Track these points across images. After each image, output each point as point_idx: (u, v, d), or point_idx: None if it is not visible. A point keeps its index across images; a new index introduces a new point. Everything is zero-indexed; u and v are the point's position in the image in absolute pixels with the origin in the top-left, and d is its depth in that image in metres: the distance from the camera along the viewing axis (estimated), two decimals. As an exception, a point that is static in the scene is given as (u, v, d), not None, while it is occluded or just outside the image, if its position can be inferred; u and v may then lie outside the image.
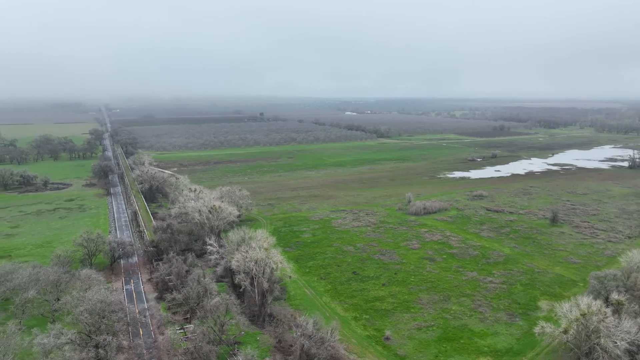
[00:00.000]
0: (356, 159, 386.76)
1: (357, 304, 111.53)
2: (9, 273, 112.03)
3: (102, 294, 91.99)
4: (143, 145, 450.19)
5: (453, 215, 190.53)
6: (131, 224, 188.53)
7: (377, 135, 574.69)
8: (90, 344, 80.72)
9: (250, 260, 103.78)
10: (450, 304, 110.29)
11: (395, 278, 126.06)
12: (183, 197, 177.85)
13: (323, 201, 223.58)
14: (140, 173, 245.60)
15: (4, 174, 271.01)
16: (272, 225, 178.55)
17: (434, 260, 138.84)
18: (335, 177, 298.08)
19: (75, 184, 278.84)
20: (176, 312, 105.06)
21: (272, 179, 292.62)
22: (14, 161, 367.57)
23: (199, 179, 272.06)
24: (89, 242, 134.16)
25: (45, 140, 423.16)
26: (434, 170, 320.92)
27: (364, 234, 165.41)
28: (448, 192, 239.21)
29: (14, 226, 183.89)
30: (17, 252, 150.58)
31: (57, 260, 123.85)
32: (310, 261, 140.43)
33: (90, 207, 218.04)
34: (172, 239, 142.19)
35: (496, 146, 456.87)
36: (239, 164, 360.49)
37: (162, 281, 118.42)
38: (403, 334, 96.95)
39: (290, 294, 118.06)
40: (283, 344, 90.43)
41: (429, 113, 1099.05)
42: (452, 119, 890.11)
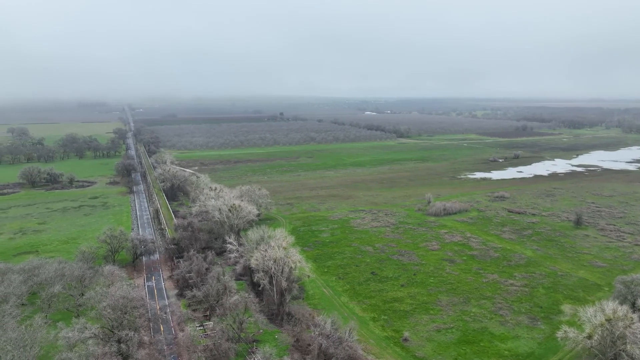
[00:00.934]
0: (375, 159, 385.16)
1: (376, 304, 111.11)
2: (36, 268, 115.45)
3: (125, 290, 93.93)
4: (165, 144, 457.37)
5: (474, 217, 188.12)
6: (153, 221, 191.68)
7: (397, 135, 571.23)
8: (113, 339, 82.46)
9: (269, 259, 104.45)
10: (470, 306, 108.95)
11: (414, 279, 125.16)
12: (204, 195, 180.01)
13: (342, 201, 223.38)
14: (162, 172, 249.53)
15: (32, 171, 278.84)
16: (291, 225, 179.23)
17: (454, 262, 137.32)
18: (354, 177, 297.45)
19: (100, 182, 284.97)
20: (196, 309, 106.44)
21: (292, 179, 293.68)
22: (41, 159, 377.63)
23: (220, 178, 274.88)
24: (112, 239, 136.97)
25: (71, 139, 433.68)
26: (454, 171, 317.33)
27: (382, 235, 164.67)
28: (469, 193, 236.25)
29: (41, 222, 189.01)
30: (43, 248, 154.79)
31: (82, 256, 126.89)
32: (329, 261, 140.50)
33: (114, 204, 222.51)
34: (192, 237, 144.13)
35: (518, 147, 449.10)
36: (259, 163, 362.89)
37: (182, 278, 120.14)
38: (422, 335, 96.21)
39: (309, 293, 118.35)
40: (301, 343, 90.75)
41: (449, 113, 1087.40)
42: (474, 119, 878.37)
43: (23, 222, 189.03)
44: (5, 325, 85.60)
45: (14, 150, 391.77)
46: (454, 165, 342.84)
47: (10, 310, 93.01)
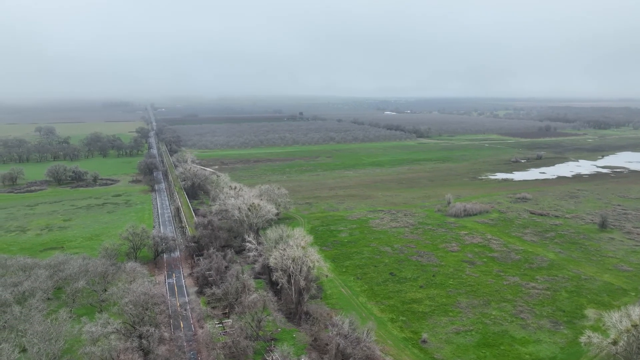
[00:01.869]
0: (395, 159, 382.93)
1: (394, 305, 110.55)
2: (61, 263, 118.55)
3: (146, 286, 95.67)
4: (186, 144, 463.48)
5: (494, 218, 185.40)
6: (174, 219, 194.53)
7: (417, 135, 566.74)
8: (134, 334, 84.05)
9: (287, 258, 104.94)
10: (491, 308, 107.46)
11: (433, 280, 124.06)
12: (223, 194, 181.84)
13: (361, 201, 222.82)
14: (183, 170, 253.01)
15: (58, 169, 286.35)
16: (309, 224, 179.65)
17: (474, 264, 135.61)
18: (374, 177, 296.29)
19: (123, 180, 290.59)
20: (215, 307, 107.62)
21: (311, 178, 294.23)
22: (67, 157, 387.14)
23: (239, 177, 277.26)
24: (134, 236, 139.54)
25: (96, 138, 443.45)
26: (475, 171, 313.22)
27: (401, 235, 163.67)
28: (489, 194, 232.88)
29: (67, 219, 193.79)
30: (68, 244, 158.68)
31: (105, 253, 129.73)
32: (347, 261, 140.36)
33: (136, 202, 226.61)
34: (212, 235, 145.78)
35: (541, 147, 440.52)
36: (278, 162, 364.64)
37: (202, 276, 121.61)
38: (440, 337, 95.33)
39: (327, 292, 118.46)
40: (319, 343, 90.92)
41: (471, 113, 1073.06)
42: (495, 119, 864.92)
43: (49, 219, 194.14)
44: (32, 319, 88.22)
45: (41, 149, 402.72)
46: (475, 166, 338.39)
47: (36, 304, 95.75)
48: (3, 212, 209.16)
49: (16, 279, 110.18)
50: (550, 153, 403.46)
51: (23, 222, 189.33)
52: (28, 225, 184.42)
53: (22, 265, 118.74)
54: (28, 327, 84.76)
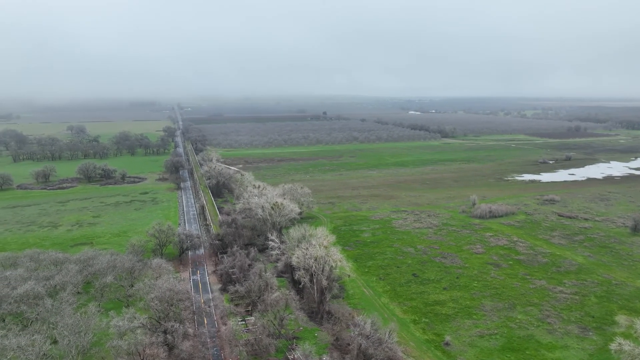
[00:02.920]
0: (419, 159, 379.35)
1: (417, 306, 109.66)
2: (90, 259, 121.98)
3: (171, 282, 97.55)
4: (211, 143, 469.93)
5: (521, 220, 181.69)
6: (199, 217, 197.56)
7: (442, 135, 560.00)
8: (160, 329, 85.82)
9: (310, 257, 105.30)
10: (516, 312, 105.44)
11: (457, 282, 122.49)
12: (247, 193, 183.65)
13: (384, 201, 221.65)
14: (208, 169, 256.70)
15: (88, 167, 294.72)
16: (332, 224, 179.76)
17: (499, 266, 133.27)
18: (397, 177, 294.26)
19: (149, 178, 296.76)
20: (238, 304, 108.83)
21: (334, 178, 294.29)
22: (97, 155, 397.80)
23: (263, 176, 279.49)
24: (160, 233, 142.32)
25: (124, 136, 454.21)
26: (501, 172, 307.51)
27: (425, 236, 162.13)
28: (516, 196, 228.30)
29: (96, 216, 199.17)
30: (97, 240, 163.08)
31: (132, 249, 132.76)
32: (370, 261, 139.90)
33: (162, 200, 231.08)
34: (236, 234, 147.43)
35: (571, 148, 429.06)
36: (301, 162, 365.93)
37: (226, 273, 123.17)
38: (464, 340, 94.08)
39: (349, 292, 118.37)
40: (340, 342, 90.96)
41: (497, 113, 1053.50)
42: (523, 119, 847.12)
43: (80, 215, 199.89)
44: (63, 312, 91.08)
45: (72, 147, 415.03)
46: (501, 167, 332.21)
47: (67, 297, 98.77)
48: (36, 208, 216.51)
49: (48, 273, 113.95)
50: (580, 154, 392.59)
51: (55, 218, 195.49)
52: (59, 221, 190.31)
53: (53, 260, 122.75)
54: (59, 319, 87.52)
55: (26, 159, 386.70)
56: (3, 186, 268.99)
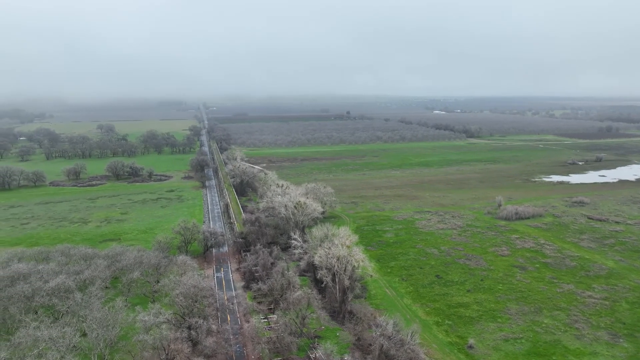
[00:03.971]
0: (443, 159, 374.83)
1: (440, 308, 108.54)
2: (118, 254, 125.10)
3: (196, 279, 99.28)
4: (236, 142, 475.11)
5: (548, 222, 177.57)
6: (223, 215, 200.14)
7: (467, 135, 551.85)
8: (184, 325, 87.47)
9: (332, 257, 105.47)
10: (542, 316, 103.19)
11: (482, 285, 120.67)
12: (271, 192, 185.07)
13: (407, 201, 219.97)
14: (233, 168, 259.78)
15: (116, 165, 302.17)
16: (354, 224, 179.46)
17: (525, 269, 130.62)
18: (421, 177, 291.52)
19: (176, 176, 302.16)
20: (261, 302, 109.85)
21: (357, 177, 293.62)
22: (125, 154, 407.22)
23: (286, 175, 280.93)
24: (186, 231, 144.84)
25: (151, 135, 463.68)
26: (528, 173, 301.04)
27: (449, 237, 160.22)
28: (543, 197, 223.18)
29: (124, 212, 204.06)
30: (125, 236, 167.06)
31: (158, 246, 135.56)
32: (392, 261, 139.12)
33: (188, 198, 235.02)
34: (259, 232, 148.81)
35: (601, 149, 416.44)
36: (325, 161, 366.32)
37: (249, 271, 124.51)
38: (488, 343, 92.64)
39: (371, 293, 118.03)
40: (362, 342, 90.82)
41: (524, 112, 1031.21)
42: (551, 119, 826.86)
43: (108, 212, 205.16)
44: (92, 306, 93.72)
45: (102, 145, 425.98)
46: (528, 168, 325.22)
47: (96, 292, 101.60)
48: (68, 204, 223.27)
49: (78, 267, 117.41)
50: (612, 155, 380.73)
51: (85, 215, 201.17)
52: (89, 218, 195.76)
53: (83, 255, 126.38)
54: (88, 313, 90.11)
55: (58, 157, 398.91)
56: (37, 183, 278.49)
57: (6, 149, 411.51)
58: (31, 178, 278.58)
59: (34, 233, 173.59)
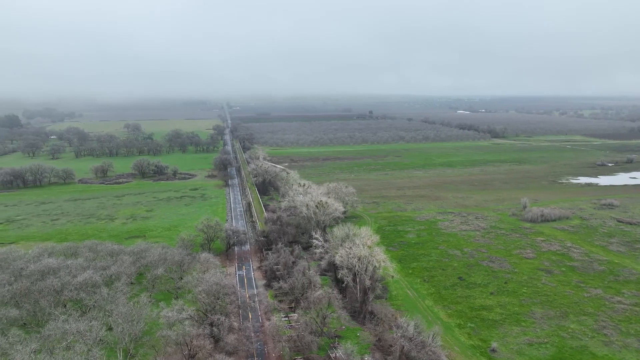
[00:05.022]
0: (467, 159, 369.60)
1: (462, 310, 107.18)
2: (143, 251, 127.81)
3: (218, 277, 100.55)
4: (258, 141, 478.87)
5: (575, 225, 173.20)
6: (245, 214, 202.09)
7: (492, 135, 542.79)
8: (206, 322, 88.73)
9: (353, 257, 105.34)
10: (569, 321, 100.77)
11: (505, 287, 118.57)
12: (293, 191, 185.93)
13: (430, 202, 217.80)
14: (255, 167, 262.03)
15: (142, 163, 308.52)
16: (376, 224, 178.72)
17: (551, 272, 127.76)
18: (444, 178, 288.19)
19: (199, 175, 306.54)
20: (282, 301, 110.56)
21: (379, 177, 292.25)
22: (150, 152, 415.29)
23: (308, 175, 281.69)
24: (209, 229, 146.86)
25: (176, 134, 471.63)
26: (554, 175, 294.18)
27: (472, 239, 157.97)
28: (570, 199, 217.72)
29: (149, 210, 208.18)
30: (150, 233, 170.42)
31: (182, 243, 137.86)
32: (414, 262, 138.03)
33: (211, 196, 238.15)
34: (281, 231, 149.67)
35: (633, 150, 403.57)
36: (346, 161, 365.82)
37: (270, 270, 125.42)
38: (511, 347, 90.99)
39: (392, 293, 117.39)
40: (383, 343, 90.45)
41: (551, 112, 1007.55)
42: (580, 119, 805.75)
43: (134, 209, 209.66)
44: (117, 301, 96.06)
45: (128, 144, 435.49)
46: (555, 169, 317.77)
47: (121, 287, 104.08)
48: (95, 201, 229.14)
49: (105, 263, 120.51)
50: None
51: (111, 211, 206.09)
52: (116, 214, 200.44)
53: (110, 251, 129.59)
54: (114, 307, 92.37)
55: (87, 155, 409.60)
56: (66, 180, 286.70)
57: (38, 147, 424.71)
58: (61, 175, 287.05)
59: (63, 229, 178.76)
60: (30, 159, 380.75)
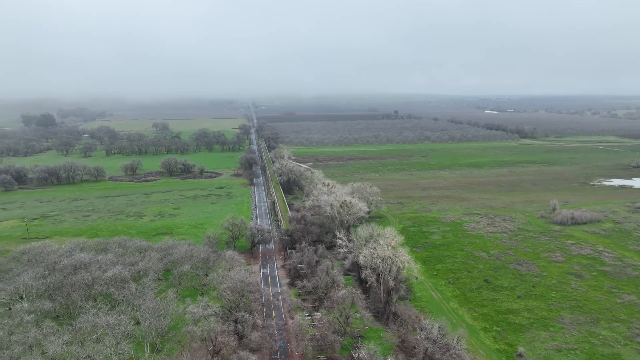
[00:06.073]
0: (494, 160, 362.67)
1: (488, 314, 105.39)
2: (170, 248, 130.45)
3: (243, 274, 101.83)
4: (283, 140, 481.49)
5: (608, 228, 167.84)
6: (270, 212, 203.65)
7: (520, 136, 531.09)
8: (231, 319, 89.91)
9: (377, 257, 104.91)
10: (600, 328, 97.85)
11: (533, 291, 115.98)
12: (317, 190, 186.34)
13: (455, 203, 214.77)
14: (280, 166, 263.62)
15: (170, 162, 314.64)
16: (400, 224, 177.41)
17: (581, 277, 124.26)
18: (470, 179, 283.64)
19: (225, 174, 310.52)
20: (305, 299, 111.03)
21: (403, 177, 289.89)
22: (178, 151, 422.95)
23: (332, 174, 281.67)
24: (234, 227, 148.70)
25: (203, 133, 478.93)
26: (586, 176, 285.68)
27: (499, 241, 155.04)
28: (603, 202, 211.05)
29: (176, 208, 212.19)
30: (177, 230, 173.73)
31: (207, 241, 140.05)
32: (439, 264, 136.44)
33: (236, 195, 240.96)
34: (305, 230, 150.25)
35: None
36: (371, 161, 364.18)
37: (294, 268, 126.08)
38: (539, 353, 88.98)
39: (416, 295, 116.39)
40: (406, 345, 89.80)
41: (583, 112, 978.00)
42: (613, 119, 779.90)
43: (162, 207, 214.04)
44: (145, 296, 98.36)
45: (157, 143, 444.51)
46: (586, 170, 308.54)
47: (149, 283, 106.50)
48: (125, 198, 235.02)
49: (133, 259, 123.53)
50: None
51: (140, 209, 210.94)
52: (144, 212, 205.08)
53: (138, 247, 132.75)
54: (141, 302, 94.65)
55: (117, 153, 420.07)
56: (97, 177, 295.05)
57: (71, 146, 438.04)
58: (92, 173, 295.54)
59: (94, 225, 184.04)
60: (63, 156, 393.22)
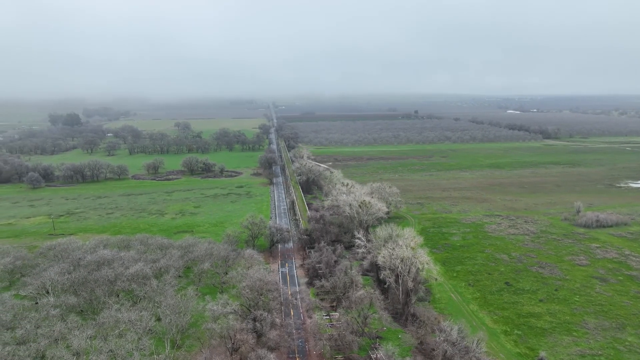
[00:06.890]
0: (516, 161, 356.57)
1: (509, 317, 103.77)
2: (191, 246, 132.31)
3: (262, 273, 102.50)
4: (303, 140, 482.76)
5: (635, 232, 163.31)
6: (289, 212, 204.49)
7: (543, 136, 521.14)
8: (250, 317, 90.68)
9: (396, 258, 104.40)
10: (626, 334, 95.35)
11: (556, 295, 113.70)
12: (336, 190, 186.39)
13: (476, 204, 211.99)
14: (299, 166, 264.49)
15: (191, 161, 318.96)
16: (420, 225, 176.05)
17: (606, 281, 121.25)
18: (492, 180, 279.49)
19: (245, 173, 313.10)
20: (323, 299, 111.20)
21: (423, 178, 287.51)
22: (199, 150, 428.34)
23: (351, 174, 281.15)
24: (253, 226, 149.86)
25: (223, 133, 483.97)
26: (612, 178, 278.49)
27: (520, 243, 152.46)
28: (629, 204, 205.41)
29: (197, 206, 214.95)
30: (197, 229, 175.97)
31: (227, 239, 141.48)
32: (459, 265, 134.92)
33: (256, 194, 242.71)
34: (323, 230, 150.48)
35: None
36: (391, 161, 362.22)
37: (312, 268, 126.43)
38: (561, 358, 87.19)
39: (435, 296, 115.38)
40: (425, 347, 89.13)
41: (609, 112, 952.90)
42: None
43: (183, 205, 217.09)
44: (166, 293, 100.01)
45: (178, 142, 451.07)
46: (612, 172, 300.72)
47: (170, 280, 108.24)
48: (147, 196, 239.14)
49: (155, 256, 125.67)
50: None
51: (162, 207, 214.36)
52: (165, 210, 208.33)
53: (159, 245, 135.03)
54: (162, 299, 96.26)
55: (139, 152, 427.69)
56: (121, 176, 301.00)
57: (96, 144, 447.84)
58: (116, 171, 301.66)
59: (117, 222, 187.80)
60: (88, 155, 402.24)
